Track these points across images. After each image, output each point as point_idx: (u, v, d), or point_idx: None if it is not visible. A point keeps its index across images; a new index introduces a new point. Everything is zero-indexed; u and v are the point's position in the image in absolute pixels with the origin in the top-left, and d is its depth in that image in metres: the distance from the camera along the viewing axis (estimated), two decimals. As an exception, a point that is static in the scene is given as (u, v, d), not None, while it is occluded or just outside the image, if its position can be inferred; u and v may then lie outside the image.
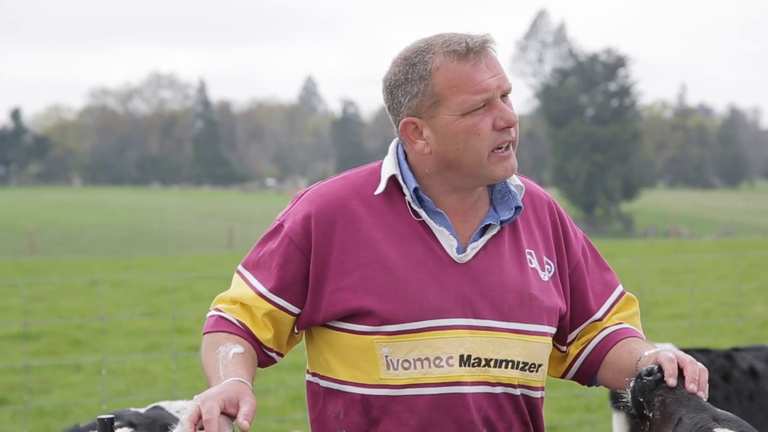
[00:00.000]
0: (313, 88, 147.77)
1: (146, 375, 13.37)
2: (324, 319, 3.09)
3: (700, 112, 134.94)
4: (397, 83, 3.09)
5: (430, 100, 3.04)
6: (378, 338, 3.04)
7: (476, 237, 3.12)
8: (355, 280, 3.05)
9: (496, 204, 3.17)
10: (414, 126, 3.09)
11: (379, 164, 3.20)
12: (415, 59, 3.05)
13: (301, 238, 3.09)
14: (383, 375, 3.04)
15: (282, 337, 3.15)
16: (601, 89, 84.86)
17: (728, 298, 18.88)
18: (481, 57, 3.03)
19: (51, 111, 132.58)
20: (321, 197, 3.13)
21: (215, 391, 2.82)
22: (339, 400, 3.10)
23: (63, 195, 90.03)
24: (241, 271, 3.18)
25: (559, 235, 3.26)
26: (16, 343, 15.33)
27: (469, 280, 3.07)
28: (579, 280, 3.26)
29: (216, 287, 21.93)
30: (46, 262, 33.12)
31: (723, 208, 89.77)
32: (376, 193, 3.12)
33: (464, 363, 3.04)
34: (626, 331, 3.26)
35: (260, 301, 3.11)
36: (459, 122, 3.03)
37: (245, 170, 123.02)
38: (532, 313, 3.11)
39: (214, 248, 46.47)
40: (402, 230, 3.09)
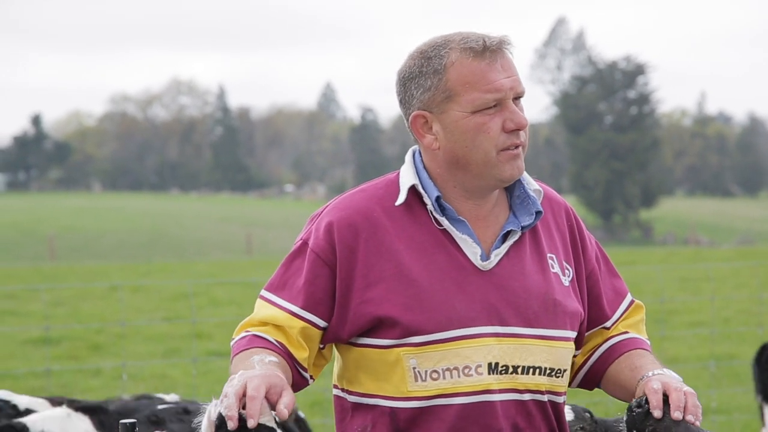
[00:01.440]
0: (332, 95, 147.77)
1: (166, 380, 13.41)
2: (350, 334, 3.07)
3: (719, 119, 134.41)
4: (411, 76, 3.09)
5: (442, 95, 3.05)
6: (405, 350, 3.02)
7: (498, 244, 3.12)
8: (380, 293, 3.03)
9: (516, 209, 3.17)
10: (424, 120, 3.10)
11: (395, 175, 3.19)
12: (432, 53, 3.06)
13: (327, 253, 3.08)
14: (411, 387, 3.03)
15: (313, 356, 3.12)
16: (620, 97, 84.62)
17: (748, 307, 18.81)
18: (497, 57, 3.05)
19: (71, 117, 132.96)
20: (342, 211, 3.11)
21: (261, 372, 2.80)
22: (367, 413, 3.09)
23: (83, 200, 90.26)
24: (266, 295, 3.14)
25: (576, 240, 3.26)
26: (37, 347, 15.39)
27: (494, 288, 3.07)
28: (594, 286, 3.27)
29: (234, 293, 21.99)
30: (66, 267, 33.24)
31: (742, 216, 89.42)
32: (397, 204, 3.11)
33: (492, 371, 3.04)
34: (631, 342, 3.27)
35: (293, 320, 3.07)
36: (469, 119, 3.04)
37: (264, 176, 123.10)
38: (557, 319, 3.11)
39: (232, 254, 46.53)
40: (424, 240, 3.08)
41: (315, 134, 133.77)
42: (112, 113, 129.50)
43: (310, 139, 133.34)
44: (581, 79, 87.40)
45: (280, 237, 57.52)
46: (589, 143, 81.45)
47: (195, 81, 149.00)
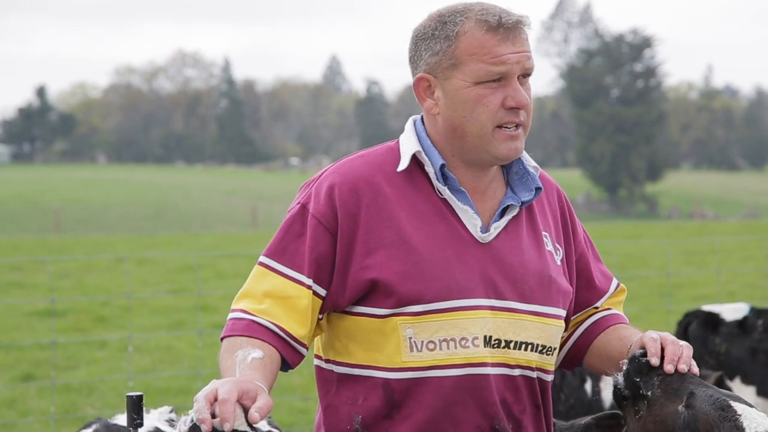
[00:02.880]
0: (337, 68, 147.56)
1: (171, 352, 13.43)
2: (348, 301, 3.03)
3: (726, 93, 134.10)
4: (424, 36, 3.08)
5: (448, 62, 3.03)
6: (403, 319, 2.99)
7: (497, 217, 3.10)
8: (380, 259, 3.00)
9: (514, 185, 3.15)
10: (428, 83, 3.08)
11: (395, 143, 3.17)
12: (448, 18, 3.05)
13: (328, 218, 3.03)
14: (405, 358, 3.00)
15: (313, 327, 3.06)
16: (627, 70, 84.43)
17: (753, 280, 18.80)
18: (510, 34, 3.02)
19: (76, 89, 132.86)
20: (343, 176, 3.08)
21: (234, 380, 2.74)
22: (357, 385, 3.06)
23: (88, 173, 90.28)
24: (267, 262, 3.06)
25: (567, 222, 3.26)
26: (43, 319, 15.42)
27: (492, 261, 3.05)
28: (584, 268, 3.27)
29: (240, 265, 22.00)
30: (72, 239, 33.25)
31: (748, 190, 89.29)
32: (398, 170, 3.08)
33: (487, 344, 3.02)
34: (614, 317, 3.29)
35: (300, 290, 3.01)
36: (470, 90, 3.02)
37: (269, 149, 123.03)
38: (551, 296, 3.10)
39: (237, 227, 46.55)
40: (425, 209, 3.06)
41: (320, 107, 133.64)
42: (117, 85, 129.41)
43: (316, 112, 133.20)
44: (588, 52, 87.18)
45: (285, 210, 56.75)
46: (595, 116, 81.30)
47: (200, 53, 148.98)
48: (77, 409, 10.41)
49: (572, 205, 3.34)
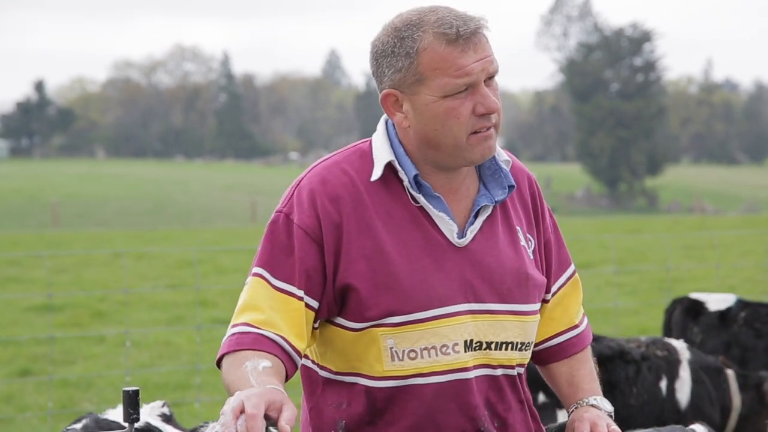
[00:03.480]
0: (336, 62, 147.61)
1: (170, 347, 13.42)
2: (339, 311, 3.02)
3: (725, 87, 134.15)
4: (384, 53, 3.03)
5: (412, 78, 2.99)
6: (383, 330, 2.98)
7: (473, 220, 3.08)
8: (360, 270, 2.98)
9: (487, 182, 3.13)
10: (395, 98, 3.05)
11: (367, 144, 3.13)
12: (405, 33, 2.99)
13: (314, 228, 3.00)
14: (387, 367, 3.00)
15: (308, 338, 3.04)
16: (627, 64, 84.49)
17: (753, 275, 18.79)
18: (470, 43, 2.97)
19: (74, 83, 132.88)
20: (324, 184, 3.04)
21: (259, 391, 2.68)
22: (342, 390, 3.05)
23: (86, 167, 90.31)
24: (261, 273, 3.02)
25: (537, 209, 3.24)
26: (40, 314, 15.40)
27: (470, 264, 3.04)
28: (547, 255, 3.25)
29: (239, 260, 22.00)
30: (70, 234, 33.26)
31: (748, 184, 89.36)
32: (372, 179, 3.04)
33: (468, 348, 3.02)
34: (576, 342, 3.30)
35: (293, 302, 2.98)
36: (439, 104, 2.98)
37: (268, 144, 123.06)
38: (528, 293, 3.11)
39: (237, 221, 46.56)
40: (401, 216, 3.03)
41: (319, 101, 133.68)
42: (116, 79, 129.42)
43: (315, 106, 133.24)
44: (587, 46, 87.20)
45: (284, 204, 57.51)
46: (594, 111, 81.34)
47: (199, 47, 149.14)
48: (75, 405, 10.39)
49: (572, 199, 3.33)
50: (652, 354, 6.44)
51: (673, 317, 7.96)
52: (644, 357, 6.40)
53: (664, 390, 6.39)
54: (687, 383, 6.42)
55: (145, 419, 4.53)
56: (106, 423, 4.46)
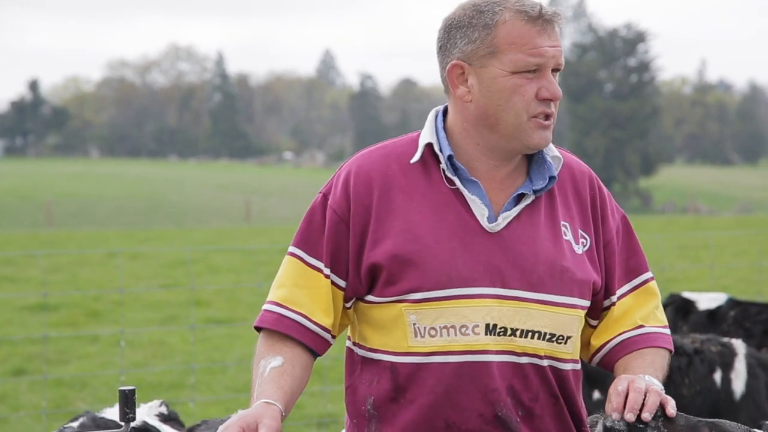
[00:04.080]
0: (331, 62, 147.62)
1: (164, 347, 13.43)
2: (366, 288, 3.12)
3: (719, 88, 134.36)
4: (459, 24, 3.10)
5: (486, 50, 3.06)
6: (406, 306, 3.05)
7: (509, 206, 3.12)
8: (386, 248, 3.06)
9: (532, 174, 3.16)
10: (461, 70, 3.10)
11: (417, 134, 3.21)
12: (485, 7, 3.08)
13: (344, 209, 3.11)
14: (411, 343, 3.06)
15: (338, 316, 3.17)
16: (621, 64, 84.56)
17: (747, 275, 18.84)
18: (548, 27, 3.08)
19: (69, 82, 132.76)
20: (359, 168, 3.15)
21: (236, 418, 2.88)
22: (373, 368, 3.13)
23: (81, 167, 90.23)
24: (294, 251, 3.18)
25: (597, 210, 3.24)
26: (35, 313, 15.40)
27: (500, 250, 3.07)
28: (609, 257, 3.24)
29: (233, 260, 22.01)
30: (64, 233, 33.23)
31: (742, 185, 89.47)
32: (412, 161, 3.13)
33: (490, 332, 3.05)
34: (639, 340, 3.24)
35: (320, 279, 3.12)
36: (507, 78, 3.05)
37: (263, 143, 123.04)
38: (563, 285, 3.10)
39: (231, 221, 46.55)
40: (436, 199, 3.10)
41: (314, 101, 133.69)
42: (110, 79, 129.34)
43: (309, 106, 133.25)
44: (581, 47, 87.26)
45: (278, 204, 57.54)
46: (589, 111, 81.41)
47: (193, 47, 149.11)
48: (69, 404, 10.40)
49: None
50: (705, 349, 6.56)
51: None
52: (697, 351, 6.52)
53: (719, 381, 6.49)
54: (742, 376, 6.49)
55: (142, 419, 4.55)
56: (104, 422, 4.48)
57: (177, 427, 4.79)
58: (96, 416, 4.60)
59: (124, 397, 3.39)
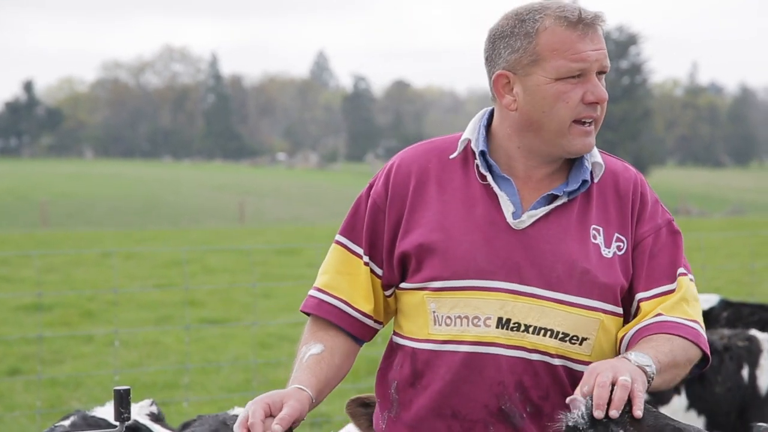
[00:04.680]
0: (324, 63, 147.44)
1: (158, 347, 13.43)
2: (399, 277, 3.21)
3: (711, 90, 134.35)
4: (502, 35, 3.14)
5: (529, 58, 3.10)
6: (427, 294, 3.14)
7: (537, 206, 3.15)
8: (414, 238, 3.15)
9: (571, 177, 3.19)
10: (507, 80, 3.15)
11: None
12: (526, 16, 3.12)
13: (383, 199, 3.22)
14: (431, 330, 3.14)
15: (379, 303, 3.26)
16: (612, 67, 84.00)
17: (739, 277, 18.89)
18: (589, 30, 3.11)
19: (63, 83, 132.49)
20: (402, 160, 3.26)
21: (263, 395, 3.00)
22: (400, 353, 3.22)
23: (75, 167, 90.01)
24: (339, 239, 3.29)
25: (636, 212, 3.24)
26: (29, 313, 15.39)
27: (522, 247, 3.11)
28: (638, 257, 3.20)
29: (227, 260, 22.00)
30: (59, 234, 33.18)
31: (733, 187, 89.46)
32: (451, 156, 3.22)
33: (502, 326, 3.09)
34: (655, 326, 3.14)
35: (360, 264, 3.23)
36: (551, 86, 3.09)
37: (256, 144, 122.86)
38: (582, 287, 3.11)
39: (225, 222, 46.48)
40: (467, 192, 3.17)
41: (307, 103, 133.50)
42: (104, 80, 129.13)
43: (303, 107, 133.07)
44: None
45: (272, 205, 57.46)
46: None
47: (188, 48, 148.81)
48: (63, 404, 10.41)
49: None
50: (733, 344, 6.62)
51: None
52: (726, 348, 6.58)
53: (746, 377, 6.56)
54: (767, 371, 6.56)
55: (133, 418, 4.56)
56: (94, 420, 4.50)
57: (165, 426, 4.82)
58: (87, 415, 4.61)
59: (119, 397, 3.42)
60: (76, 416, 4.57)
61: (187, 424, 4.49)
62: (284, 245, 23.45)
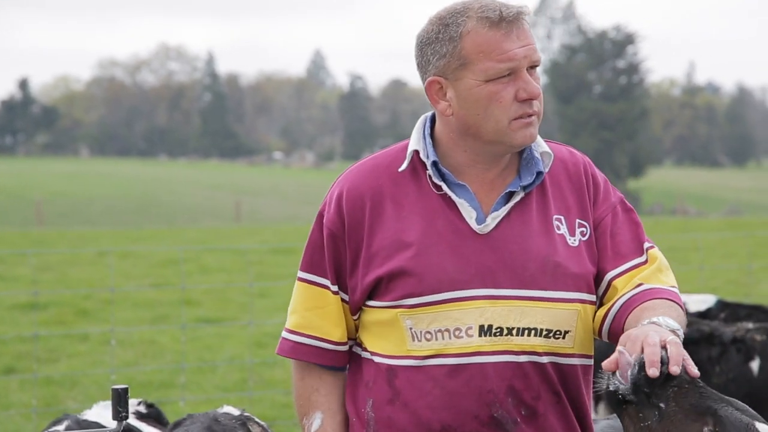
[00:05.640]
0: (321, 62, 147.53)
1: (154, 346, 13.42)
2: (362, 299, 3.17)
3: (708, 90, 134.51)
4: (428, 41, 3.11)
5: (456, 62, 3.06)
6: (401, 311, 3.09)
7: (497, 206, 3.12)
8: (380, 261, 3.11)
9: (522, 171, 3.17)
10: (439, 86, 3.11)
11: (407, 142, 3.23)
12: (449, 20, 3.07)
13: (338, 227, 3.16)
14: (409, 346, 3.10)
15: (350, 327, 3.24)
16: (610, 66, 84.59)
17: (736, 277, 18.89)
18: (513, 27, 3.05)
19: (59, 81, 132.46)
20: (350, 183, 3.19)
21: None
22: (370, 369, 3.17)
23: (70, 166, 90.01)
24: (302, 275, 3.25)
25: (591, 194, 3.23)
26: (25, 312, 15.38)
27: (490, 251, 3.08)
28: (599, 238, 3.20)
29: (223, 259, 22.00)
30: (55, 232, 33.16)
31: (730, 187, 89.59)
32: (399, 170, 3.16)
33: (484, 333, 3.06)
34: (642, 295, 3.13)
35: (329, 296, 3.20)
36: (482, 88, 3.05)
37: (252, 143, 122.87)
38: (556, 280, 3.09)
39: (221, 221, 46.47)
40: (425, 205, 3.12)
41: (304, 101, 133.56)
42: (100, 78, 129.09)
43: (299, 106, 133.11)
44: (571, 49, 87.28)
45: (268, 204, 57.46)
46: (578, 113, 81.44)
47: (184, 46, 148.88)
48: (59, 403, 10.40)
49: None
50: (749, 337, 6.56)
51: None
52: (735, 339, 6.53)
53: (756, 370, 6.52)
54: None
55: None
56: (87, 424, 4.49)
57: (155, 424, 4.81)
58: (79, 418, 4.61)
59: (117, 396, 3.41)
60: (69, 420, 4.57)
61: (178, 423, 4.47)
62: (280, 245, 23.42)
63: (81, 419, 4.58)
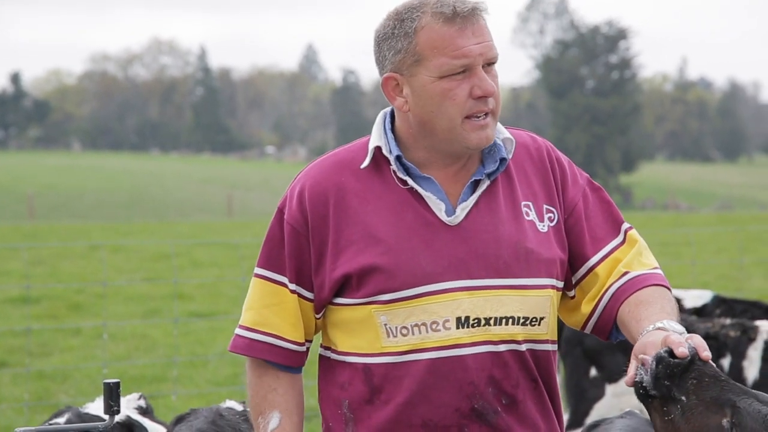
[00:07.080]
0: (313, 56, 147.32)
1: (146, 340, 13.42)
2: (329, 296, 3.12)
3: (700, 85, 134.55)
4: (385, 36, 3.10)
5: (411, 58, 3.05)
6: (375, 307, 3.07)
7: (465, 196, 3.11)
8: (349, 256, 3.07)
9: (485, 159, 3.15)
10: (395, 82, 3.10)
11: (368, 138, 3.20)
12: (405, 15, 3.06)
13: (300, 223, 3.12)
14: (384, 343, 3.07)
15: (309, 326, 3.19)
16: (602, 61, 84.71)
17: (727, 272, 18.91)
18: (468, 23, 3.02)
19: (51, 75, 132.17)
20: (312, 179, 3.15)
21: None
22: (344, 370, 3.14)
23: (62, 159, 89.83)
24: (259, 272, 3.20)
25: (558, 179, 3.21)
26: (17, 306, 15.36)
27: (462, 241, 3.07)
28: (575, 224, 3.19)
29: (215, 254, 21.98)
30: (46, 226, 33.11)
31: (722, 182, 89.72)
32: (362, 166, 3.13)
33: (462, 325, 3.05)
34: (630, 285, 3.14)
35: (287, 294, 3.15)
36: (436, 84, 3.03)
37: (245, 137, 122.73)
38: (529, 267, 3.09)
39: (213, 215, 46.46)
40: (392, 200, 3.10)
41: (296, 96, 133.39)
42: (92, 72, 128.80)
43: (292, 100, 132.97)
44: (563, 44, 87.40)
45: (260, 199, 57.42)
46: (570, 108, 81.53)
47: (176, 41, 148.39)
48: (51, 397, 10.40)
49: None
50: (722, 334, 6.54)
51: None
52: (708, 336, 6.48)
53: (726, 367, 6.52)
54: (756, 363, 6.53)
55: (124, 412, 4.55)
56: (89, 417, 4.49)
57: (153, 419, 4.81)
58: (81, 411, 4.61)
59: (109, 390, 3.40)
60: (70, 413, 4.58)
61: (181, 418, 4.48)
62: (273, 239, 23.35)
63: (83, 412, 4.58)
